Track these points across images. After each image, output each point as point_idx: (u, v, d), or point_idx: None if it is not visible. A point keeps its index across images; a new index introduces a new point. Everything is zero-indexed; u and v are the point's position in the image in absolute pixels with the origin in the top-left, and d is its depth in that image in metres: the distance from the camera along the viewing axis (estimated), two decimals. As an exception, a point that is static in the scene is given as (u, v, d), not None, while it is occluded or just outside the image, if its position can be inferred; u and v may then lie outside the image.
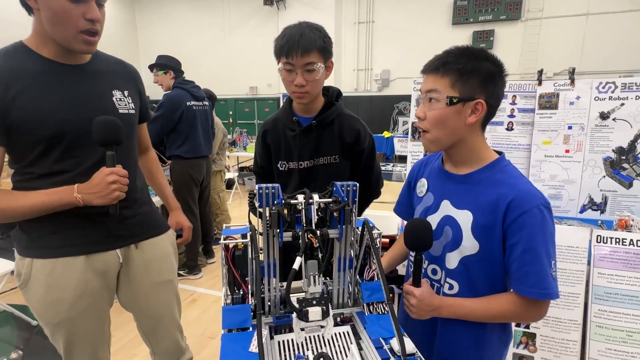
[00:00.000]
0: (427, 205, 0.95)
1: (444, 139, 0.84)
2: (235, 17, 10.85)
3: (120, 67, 1.08)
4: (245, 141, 5.85)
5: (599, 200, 2.06)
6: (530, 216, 0.77)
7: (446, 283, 0.90)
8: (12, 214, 0.88)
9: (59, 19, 0.83)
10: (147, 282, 1.13)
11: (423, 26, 9.09)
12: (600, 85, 2.01)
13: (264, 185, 0.71)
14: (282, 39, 1.08)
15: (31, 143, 0.89)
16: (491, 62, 0.81)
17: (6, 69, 0.85)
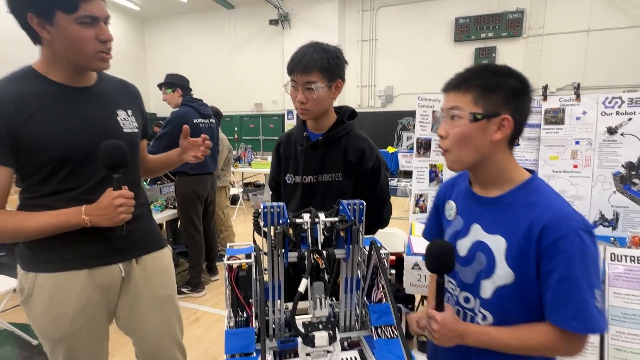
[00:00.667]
0: (456, 229, 0.90)
1: (467, 157, 0.80)
2: (241, 36, 11.12)
3: (122, 87, 1.12)
4: (250, 157, 5.88)
5: (610, 217, 2.02)
6: (567, 241, 0.70)
7: (480, 313, 0.83)
8: (22, 235, 0.90)
9: (76, 45, 0.88)
10: (148, 297, 1.12)
11: (425, 43, 9.23)
12: (607, 100, 2.00)
13: (269, 204, 0.70)
14: (291, 58, 1.13)
15: (40, 164, 0.92)
16: (515, 77, 0.79)
17: (17, 93, 0.88)
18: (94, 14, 0.87)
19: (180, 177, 2.77)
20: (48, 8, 0.83)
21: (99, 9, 0.88)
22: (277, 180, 1.35)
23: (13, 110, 0.86)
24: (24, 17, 0.85)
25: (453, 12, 8.84)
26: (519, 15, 8.31)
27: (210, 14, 11.21)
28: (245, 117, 11.51)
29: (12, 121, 0.86)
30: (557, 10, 8.08)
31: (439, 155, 2.32)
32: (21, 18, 0.85)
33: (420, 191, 2.30)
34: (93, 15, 0.87)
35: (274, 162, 1.35)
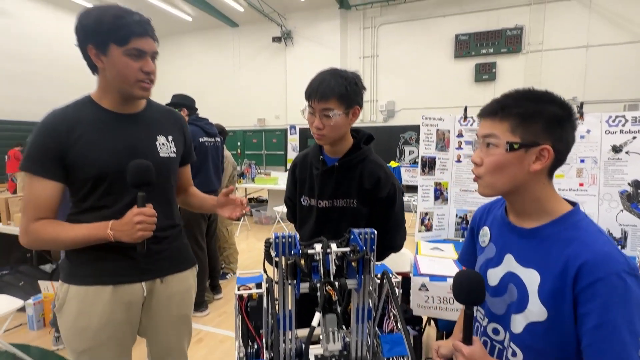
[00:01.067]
0: (488, 257, 0.87)
1: (500, 185, 0.77)
2: (245, 53, 11.33)
3: (167, 115, 1.21)
4: (254, 173, 5.91)
5: (618, 235, 2.00)
6: (607, 285, 0.65)
7: (509, 348, 0.79)
8: (59, 243, 1.01)
9: (122, 73, 0.99)
10: (166, 315, 1.18)
11: (426, 59, 9.37)
12: (610, 119, 2.01)
13: (281, 234, 0.70)
14: (309, 84, 1.13)
15: (82, 181, 1.02)
16: (557, 105, 0.74)
17: (72, 117, 1.01)
18: (142, 49, 0.99)
19: None
20: (104, 41, 0.96)
21: (147, 45, 1.00)
22: (292, 200, 1.36)
23: (65, 133, 0.98)
24: (85, 48, 0.98)
25: (453, 29, 9.01)
26: (518, 32, 8.46)
27: (214, 32, 11.47)
28: (249, 132, 11.62)
29: (64, 142, 0.98)
30: (555, 27, 8.22)
31: (443, 173, 2.32)
32: (83, 49, 0.99)
33: (426, 209, 2.29)
34: (141, 49, 0.99)
35: (290, 183, 1.36)
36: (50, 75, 9.82)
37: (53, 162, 0.98)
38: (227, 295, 3.24)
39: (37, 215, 0.99)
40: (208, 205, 1.33)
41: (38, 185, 0.98)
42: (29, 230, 0.99)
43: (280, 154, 11.21)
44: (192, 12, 10.33)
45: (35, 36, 9.51)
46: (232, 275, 3.64)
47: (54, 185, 0.99)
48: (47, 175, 0.98)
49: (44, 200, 0.99)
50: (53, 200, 1.00)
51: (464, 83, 9.00)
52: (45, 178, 0.98)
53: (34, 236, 1.00)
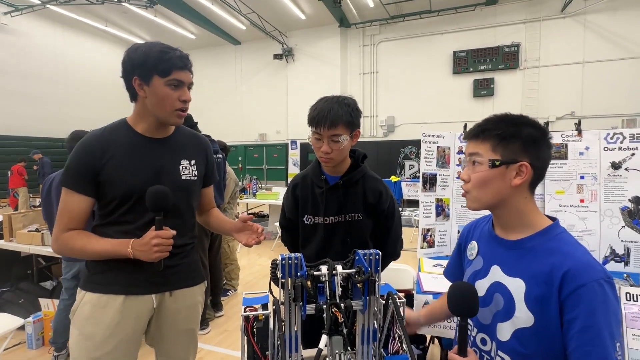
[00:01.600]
0: (476, 269, 0.92)
1: (485, 199, 0.84)
2: (247, 70, 11.54)
3: (193, 140, 1.29)
4: (255, 188, 5.93)
5: (621, 252, 2.00)
6: (589, 291, 0.71)
7: (497, 356, 0.83)
8: (86, 253, 1.09)
9: (162, 102, 1.09)
10: (173, 328, 1.22)
11: (425, 75, 9.53)
12: (609, 136, 2.04)
13: (287, 256, 0.71)
14: (315, 111, 1.19)
15: (110, 198, 1.11)
16: (532, 126, 0.82)
17: (107, 139, 1.10)
18: (181, 79, 1.09)
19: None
20: (149, 73, 1.06)
21: (185, 77, 1.11)
22: (293, 221, 1.38)
23: (100, 153, 1.08)
24: (130, 80, 1.08)
25: (451, 46, 9.20)
26: (515, 48, 8.63)
27: (217, 49, 11.71)
28: (250, 147, 11.71)
29: (97, 162, 1.07)
30: (551, 44, 8.40)
31: (444, 189, 2.34)
32: (128, 81, 1.09)
33: (428, 226, 2.29)
34: (180, 80, 1.09)
35: (290, 204, 1.38)
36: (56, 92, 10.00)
37: (87, 179, 1.07)
38: (228, 312, 3.20)
39: (69, 226, 1.08)
40: (226, 228, 1.37)
41: (73, 199, 1.08)
42: (60, 239, 1.09)
43: (281, 168, 11.27)
44: (196, 31, 10.58)
45: (40, 55, 9.73)
46: (234, 292, 3.61)
47: (86, 200, 1.09)
48: (81, 190, 1.07)
49: (76, 212, 1.08)
50: (84, 213, 1.10)
51: (463, 98, 9.13)
52: (79, 193, 1.07)
53: (64, 245, 1.09)
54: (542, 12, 8.38)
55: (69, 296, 2.29)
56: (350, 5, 8.86)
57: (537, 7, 8.40)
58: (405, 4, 8.77)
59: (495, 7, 8.69)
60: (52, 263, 3.08)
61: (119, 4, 8.23)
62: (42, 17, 9.66)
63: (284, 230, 1.45)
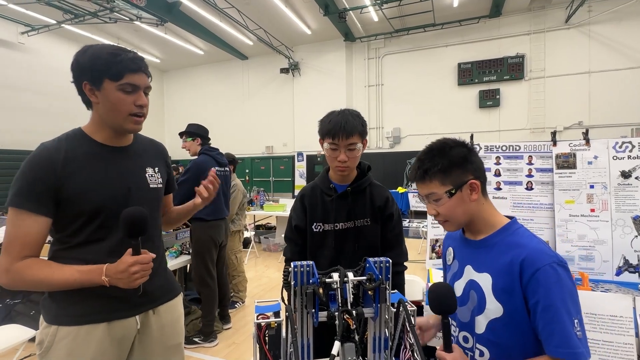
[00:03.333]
0: (454, 271, 1.01)
1: (460, 220, 0.94)
2: (253, 84, 11.75)
3: (152, 147, 1.24)
4: (262, 200, 5.95)
5: (634, 262, 1.96)
6: (544, 273, 0.80)
7: (476, 349, 0.90)
8: (48, 285, 0.96)
9: (115, 107, 1.01)
10: (160, 346, 1.16)
11: (430, 87, 9.59)
12: (617, 145, 2.03)
13: (299, 263, 0.72)
14: (329, 124, 1.27)
15: (75, 214, 1.00)
16: (457, 146, 0.93)
17: (64, 150, 1.00)
18: (135, 83, 1.02)
19: (196, 223, 2.82)
20: (99, 76, 0.99)
21: (140, 80, 1.03)
22: (300, 228, 1.40)
23: (60, 167, 0.97)
24: (80, 84, 1.01)
25: (455, 58, 9.27)
26: (520, 59, 8.67)
27: (225, 64, 11.97)
28: (257, 159, 11.80)
29: (57, 176, 0.96)
30: (556, 54, 8.42)
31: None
32: (79, 85, 1.01)
33: (436, 236, 2.28)
34: (134, 84, 1.02)
35: (299, 212, 1.41)
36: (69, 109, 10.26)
37: (45, 196, 0.95)
38: (236, 324, 3.19)
39: (23, 253, 0.93)
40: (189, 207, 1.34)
41: (27, 221, 0.93)
42: (11, 270, 0.93)
43: (288, 180, 11.31)
44: (204, 47, 10.84)
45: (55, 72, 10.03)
46: (242, 304, 3.60)
47: (44, 221, 0.96)
48: (38, 210, 0.94)
49: (33, 237, 0.94)
50: (41, 236, 0.96)
51: (469, 109, 9.15)
52: (35, 213, 0.94)
53: (16, 276, 0.93)
54: (546, 23, 8.43)
55: None
56: (355, 19, 9.03)
57: (541, 19, 8.46)
58: (409, 17, 8.91)
59: (499, 19, 8.77)
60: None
61: (130, 22, 8.50)
62: (58, 36, 10.01)
63: (289, 244, 1.45)
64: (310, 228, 1.37)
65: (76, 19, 8.45)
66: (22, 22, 9.07)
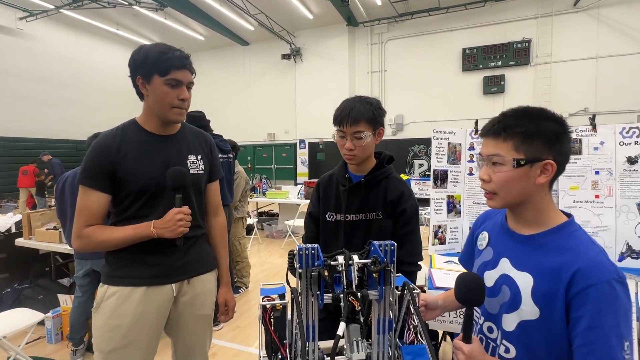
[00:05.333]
0: (485, 259, 0.93)
1: (510, 198, 0.83)
2: (255, 70, 11.62)
3: (197, 137, 1.35)
4: (265, 187, 5.97)
5: (638, 248, 1.96)
6: (598, 290, 0.71)
7: (502, 345, 0.85)
8: (110, 243, 1.15)
9: (161, 99, 1.15)
10: (191, 315, 1.28)
11: (434, 73, 9.46)
12: (624, 131, 2.01)
13: (304, 246, 0.73)
14: (338, 111, 1.25)
15: (126, 193, 1.16)
16: (554, 121, 0.79)
17: (120, 138, 1.17)
18: (179, 79, 1.14)
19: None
20: (149, 72, 1.13)
21: (184, 76, 1.16)
22: (313, 216, 1.42)
23: (115, 152, 1.14)
24: (135, 79, 1.16)
25: (460, 43, 9.11)
26: (526, 44, 8.50)
27: (226, 50, 11.82)
28: (259, 147, 11.78)
29: (113, 160, 1.14)
30: (563, 39, 8.24)
31: (456, 186, 2.33)
32: (134, 80, 1.16)
33: (439, 222, 2.29)
34: (178, 79, 1.14)
35: (314, 200, 1.43)
36: (68, 95, 10.22)
37: (105, 176, 1.13)
38: (240, 309, 3.24)
39: (89, 222, 1.13)
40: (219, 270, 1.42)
41: (92, 196, 1.13)
42: (82, 235, 1.13)
43: (290, 167, 11.31)
44: (205, 32, 10.69)
45: (53, 58, 9.95)
46: (245, 290, 3.65)
47: (104, 197, 1.14)
48: (99, 187, 1.13)
49: (96, 209, 1.14)
50: (103, 209, 1.15)
51: (473, 96, 9.03)
52: (97, 190, 1.13)
53: (86, 240, 1.14)
54: (553, 6, 8.24)
55: (82, 293, 2.35)
56: (357, 3, 8.84)
57: (548, 2, 8.26)
58: (413, 1, 8.71)
59: (505, 3, 8.57)
60: (69, 260, 3.16)
61: (129, 7, 8.37)
62: (56, 22, 9.88)
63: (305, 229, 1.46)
64: (324, 217, 1.36)
65: (74, 3, 8.33)
66: (20, 8, 8.95)
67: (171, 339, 1.34)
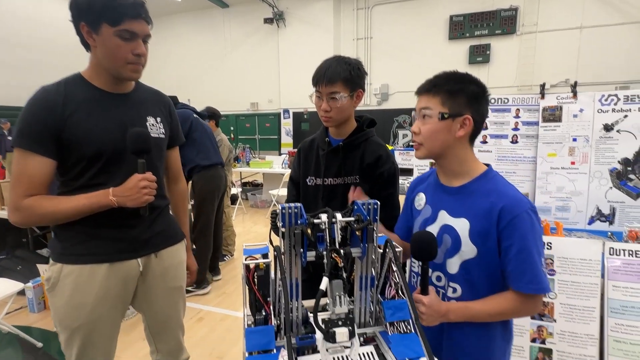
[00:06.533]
0: (425, 217, 1.03)
1: (434, 149, 0.95)
2: (236, 35, 11.07)
3: (155, 97, 1.22)
4: (248, 157, 5.89)
5: (607, 212, 2.07)
6: (521, 220, 0.87)
7: (449, 287, 0.97)
8: (58, 216, 1.00)
9: (112, 54, 0.99)
10: (162, 288, 1.22)
11: (420, 41, 9.27)
12: (603, 98, 2.05)
13: (287, 205, 0.72)
14: (315, 70, 1.20)
15: (77, 159, 1.02)
16: (475, 84, 0.93)
17: (64, 94, 1.00)
18: (134, 31, 0.99)
19: (198, 174, 2.79)
20: (97, 20, 0.96)
21: (140, 28, 1.00)
22: (294, 180, 1.42)
23: (60, 108, 0.97)
24: (78, 25, 0.99)
25: (447, 10, 8.89)
26: (513, 12, 8.38)
27: (204, 12, 11.14)
28: (241, 117, 11.48)
29: (58, 118, 0.97)
30: (550, 8, 8.16)
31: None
32: (76, 26, 0.99)
33: (421, 189, 2.33)
34: (133, 31, 0.98)
35: (295, 164, 1.43)
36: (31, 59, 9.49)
37: (48, 138, 0.96)
38: (226, 276, 3.29)
39: (30, 192, 0.96)
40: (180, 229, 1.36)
41: (32, 161, 0.96)
42: (21, 207, 0.97)
43: (274, 138, 11.14)
44: (181, -8, 10.01)
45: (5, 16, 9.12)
46: (230, 257, 3.69)
47: (48, 163, 0.98)
48: (42, 151, 0.96)
49: (38, 177, 0.97)
50: (47, 177, 0.98)
51: (458, 65, 8.94)
52: (39, 154, 0.96)
53: (27, 212, 0.97)
54: (542, -27, 8.07)
55: None
56: (344, -36, 8.41)
57: (537, -32, 8.08)
58: (401, -37, 8.34)
59: (495, -32, 8.33)
60: (46, 231, 3.09)
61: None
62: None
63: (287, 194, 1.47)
64: (304, 181, 1.36)
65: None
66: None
67: (142, 314, 1.27)
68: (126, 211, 1.04)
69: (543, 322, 1.55)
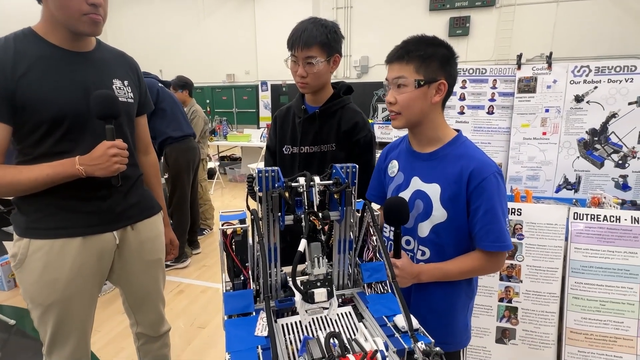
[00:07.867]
0: (398, 183, 1.04)
1: (412, 117, 0.95)
2: (209, 2, 10.45)
3: (120, 58, 1.12)
4: (226, 130, 5.73)
5: (573, 180, 2.17)
6: (488, 182, 0.90)
7: (419, 250, 1.01)
8: (18, 187, 0.92)
9: (64, 4, 0.89)
10: (139, 261, 1.18)
11: (401, 12, 9.08)
12: (576, 69, 2.09)
13: (264, 169, 0.70)
14: (291, 33, 1.15)
15: (34, 124, 0.93)
16: (445, 47, 0.94)
17: (14, 51, 0.89)
18: None
19: (171, 147, 2.68)
20: None
21: None
22: (271, 149, 1.39)
23: (10, 68, 0.87)
24: None
25: (429, -20, 8.69)
26: (493, -17, 8.30)
27: (174, -25, 10.39)
28: (217, 89, 11.06)
29: (9, 78, 0.87)
30: (529, -21, 8.13)
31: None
32: None
33: (400, 160, 2.35)
34: None
35: (271, 133, 1.39)
36: None
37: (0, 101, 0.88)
38: (205, 249, 3.28)
39: None
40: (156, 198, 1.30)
41: None
42: None
43: (252, 111, 10.85)
44: (147, -49, 9.23)
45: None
46: (209, 231, 3.66)
47: (2, 128, 0.90)
48: None
49: None
50: (2, 144, 0.91)
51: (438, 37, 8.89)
52: None
53: None
54: (523, -58, 7.97)
55: None
56: None
57: (519, -63, 7.96)
58: None
59: None
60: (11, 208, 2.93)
61: None
62: None
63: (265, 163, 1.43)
64: (281, 150, 1.33)
65: None
66: None
67: (120, 289, 1.22)
68: (97, 181, 0.97)
69: (510, 283, 1.64)
